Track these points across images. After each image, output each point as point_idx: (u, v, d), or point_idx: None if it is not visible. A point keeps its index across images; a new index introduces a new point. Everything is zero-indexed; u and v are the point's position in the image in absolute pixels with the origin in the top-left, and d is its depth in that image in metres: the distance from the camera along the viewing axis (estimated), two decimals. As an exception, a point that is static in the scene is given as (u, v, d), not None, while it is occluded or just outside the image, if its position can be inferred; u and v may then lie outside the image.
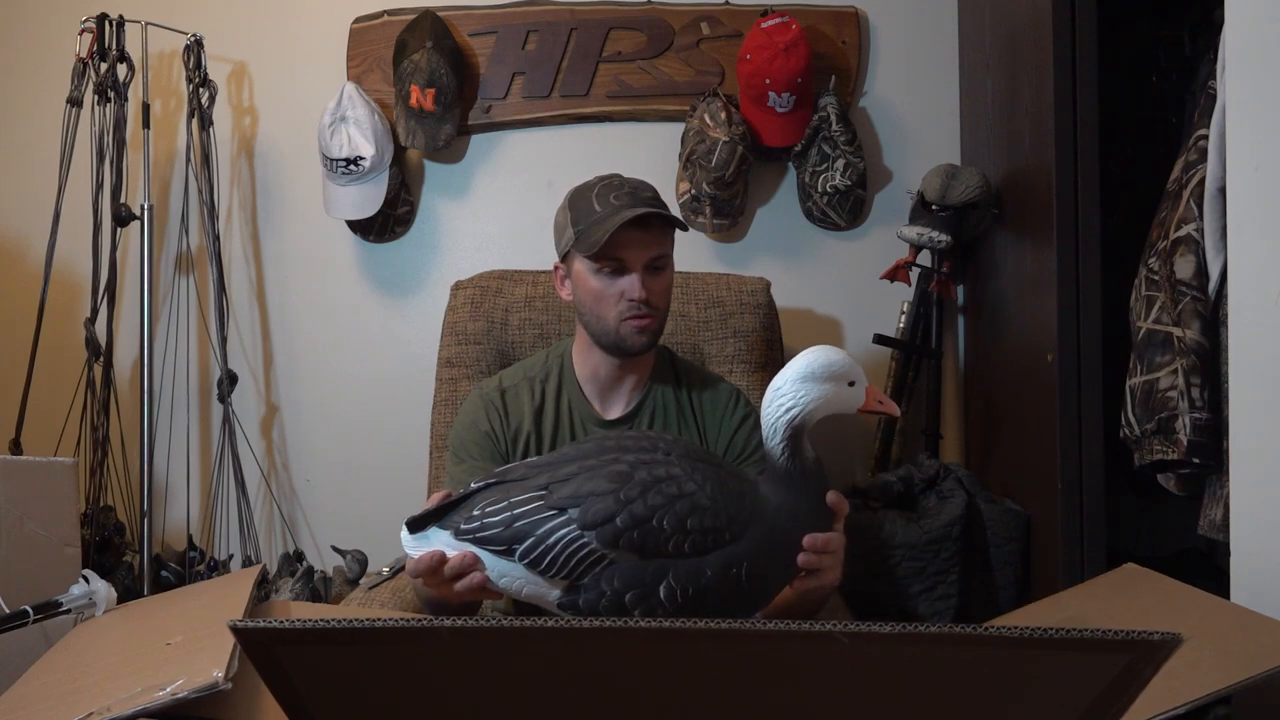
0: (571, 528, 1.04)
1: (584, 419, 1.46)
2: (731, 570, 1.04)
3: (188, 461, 2.31)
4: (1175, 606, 1.24)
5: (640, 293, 1.37)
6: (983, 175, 2.07)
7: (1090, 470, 1.70)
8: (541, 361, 1.52)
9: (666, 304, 1.43)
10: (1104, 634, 0.63)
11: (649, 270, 1.39)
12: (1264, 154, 1.28)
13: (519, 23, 2.32)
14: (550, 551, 1.04)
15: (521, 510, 1.06)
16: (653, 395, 1.48)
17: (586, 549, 1.04)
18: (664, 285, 1.41)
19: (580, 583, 1.04)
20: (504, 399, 1.47)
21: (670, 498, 1.05)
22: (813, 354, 1.11)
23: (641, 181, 1.42)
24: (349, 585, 2.11)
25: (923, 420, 2.22)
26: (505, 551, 1.06)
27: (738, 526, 1.05)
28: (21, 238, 2.38)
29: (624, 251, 1.37)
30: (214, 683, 0.92)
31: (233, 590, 1.34)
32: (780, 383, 1.10)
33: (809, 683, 0.67)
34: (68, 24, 2.21)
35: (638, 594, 1.03)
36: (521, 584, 1.07)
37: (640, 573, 1.03)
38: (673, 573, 1.03)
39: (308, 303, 2.39)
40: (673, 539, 1.03)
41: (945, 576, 1.85)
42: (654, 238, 1.38)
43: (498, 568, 1.07)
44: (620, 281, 1.38)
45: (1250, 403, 1.31)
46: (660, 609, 1.03)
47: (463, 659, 0.68)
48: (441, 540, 1.10)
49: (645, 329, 1.39)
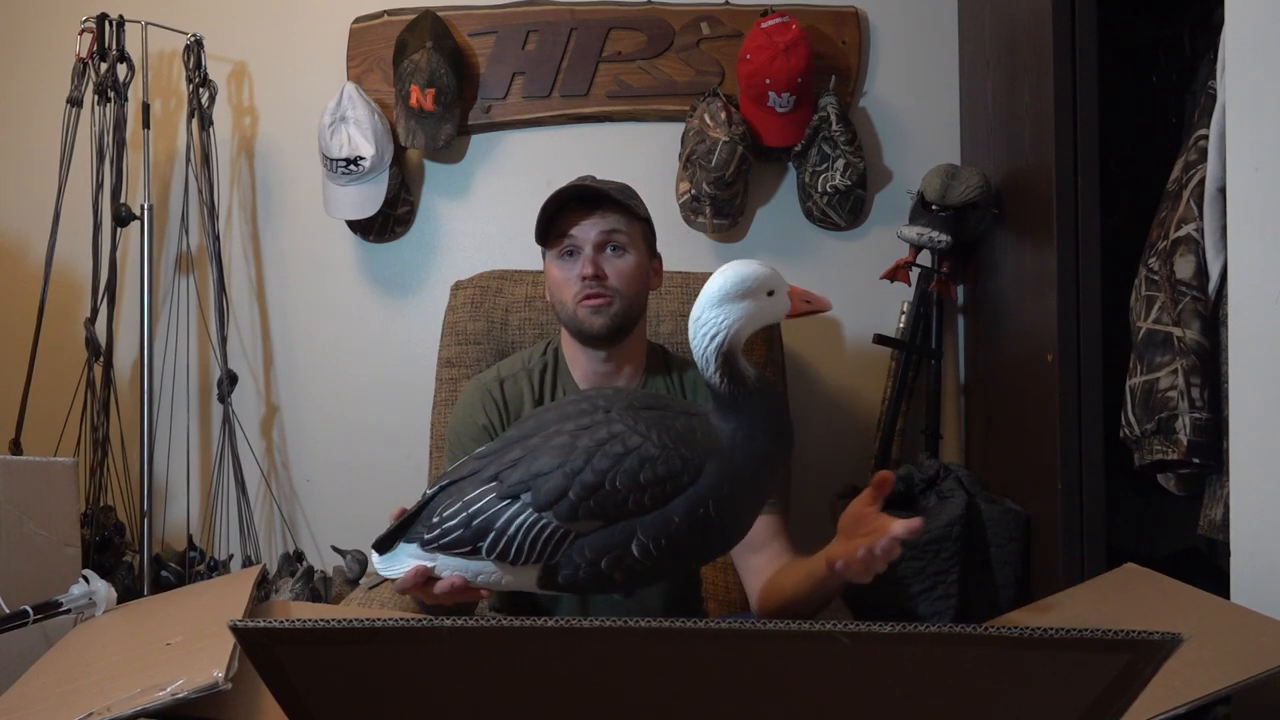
0: (528, 513, 1.03)
1: None
2: (699, 511, 1.02)
3: (188, 461, 2.31)
4: (1175, 606, 1.24)
5: (589, 269, 1.38)
6: (983, 175, 2.07)
7: (1090, 470, 1.70)
8: (538, 354, 1.53)
9: (630, 288, 1.41)
10: (1104, 634, 0.63)
11: (604, 251, 1.40)
12: (1264, 154, 1.28)
13: (519, 23, 2.32)
14: (514, 541, 1.03)
15: (476, 507, 1.05)
16: (648, 390, 1.48)
17: (549, 529, 1.02)
18: (622, 268, 1.40)
19: (553, 562, 1.03)
20: (503, 390, 1.47)
21: (616, 457, 1.02)
22: (723, 273, 1.06)
23: (605, 185, 1.44)
24: (349, 585, 2.12)
25: (923, 420, 2.22)
26: (472, 551, 1.05)
27: (694, 466, 1.03)
28: (21, 238, 2.38)
29: (574, 230, 1.40)
30: (214, 683, 0.92)
31: (233, 590, 1.34)
32: (698, 312, 1.06)
33: (809, 683, 0.67)
34: (68, 24, 2.21)
35: (611, 558, 1.02)
36: (498, 577, 1.06)
37: (609, 537, 1.02)
38: (640, 529, 1.01)
39: (308, 303, 2.39)
40: (630, 497, 1.01)
41: (945, 576, 1.85)
42: (605, 218, 1.40)
43: (470, 568, 1.06)
44: (574, 264, 1.41)
45: (1250, 403, 1.32)
46: (639, 566, 1.01)
47: (463, 659, 0.68)
48: (410, 554, 1.09)
49: (600, 308, 1.39)
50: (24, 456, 1.98)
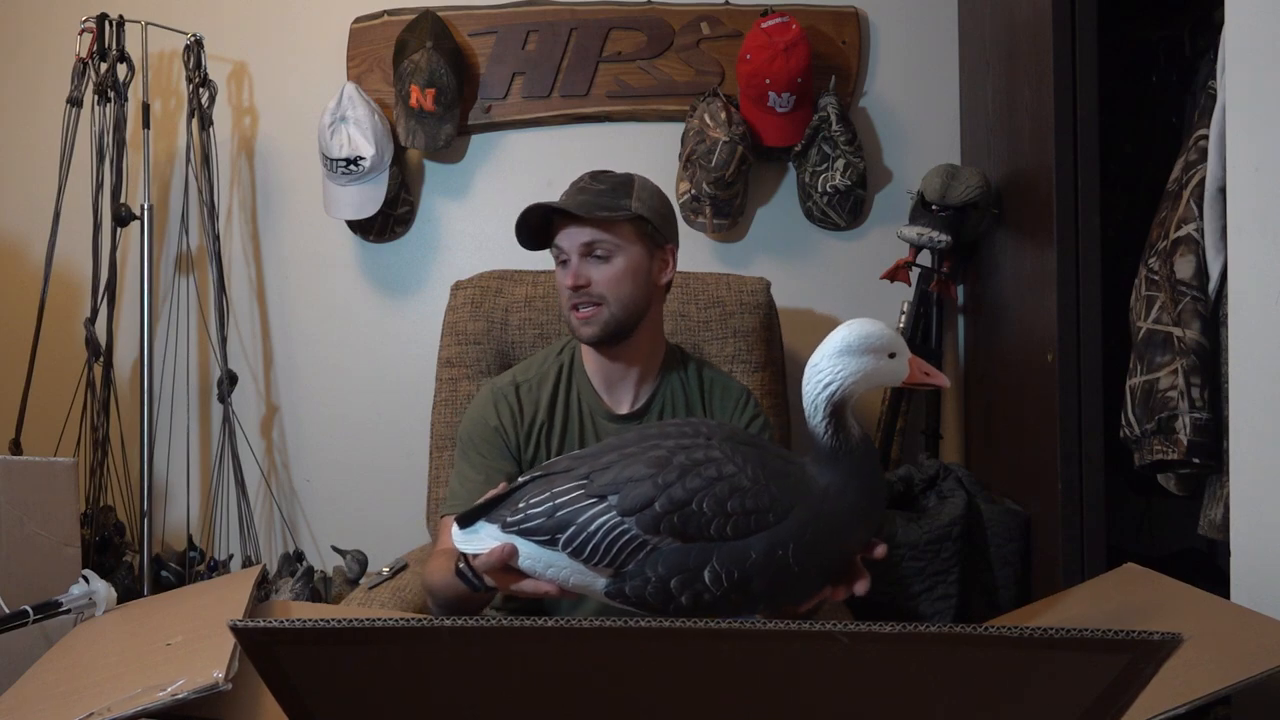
0: (611, 514, 1.03)
1: (594, 413, 1.46)
2: (777, 552, 1.02)
3: (188, 461, 2.31)
4: (1175, 606, 1.24)
5: (570, 280, 1.39)
6: (983, 175, 2.07)
7: (1090, 470, 1.70)
8: (554, 355, 1.53)
9: (620, 291, 1.40)
10: (1104, 634, 0.63)
11: (589, 259, 1.40)
12: (1264, 154, 1.28)
13: (519, 23, 2.31)
14: (592, 539, 1.04)
15: (563, 500, 1.06)
16: (664, 390, 1.48)
17: (628, 535, 1.03)
18: (606, 274, 1.40)
19: (625, 569, 1.04)
20: (518, 393, 1.47)
21: (709, 480, 1.03)
22: (849, 326, 1.07)
23: (617, 176, 1.43)
24: (349, 585, 2.11)
25: (923, 420, 2.23)
26: (549, 541, 1.06)
27: (781, 507, 1.03)
28: (21, 238, 2.38)
29: (560, 238, 1.41)
30: (214, 683, 0.92)
31: (233, 590, 1.34)
32: (817, 359, 1.08)
33: (809, 683, 0.67)
34: (68, 24, 2.21)
35: (682, 579, 1.02)
36: (568, 573, 1.07)
37: (684, 557, 1.02)
38: (716, 556, 1.02)
39: (308, 303, 2.39)
40: (714, 522, 1.02)
41: (945, 576, 1.85)
42: (584, 227, 1.39)
43: (543, 558, 1.07)
44: (566, 273, 1.41)
45: (1250, 403, 1.31)
46: (706, 593, 1.02)
47: (463, 659, 0.68)
48: (489, 534, 1.10)
49: (587, 319, 1.40)
50: (24, 456, 1.98)
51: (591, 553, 1.04)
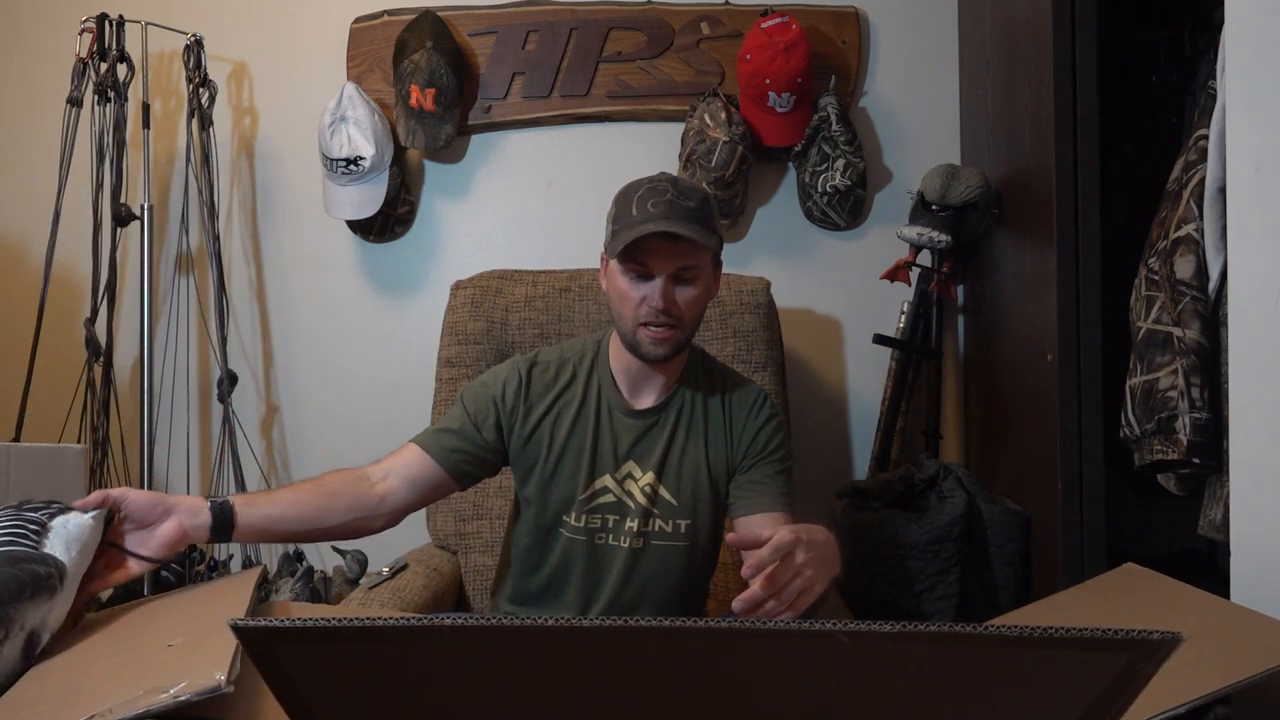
0: None
1: (612, 406, 1.47)
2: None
3: (188, 461, 2.31)
4: (1175, 606, 1.24)
5: (659, 302, 1.35)
6: (983, 175, 2.07)
7: (1090, 470, 1.70)
8: (580, 344, 1.53)
9: (693, 316, 1.40)
10: (1104, 634, 0.63)
11: (675, 280, 1.37)
12: (1264, 154, 1.28)
13: (519, 23, 2.32)
14: None
15: None
16: (683, 390, 1.48)
17: None
18: (691, 297, 1.38)
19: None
20: (530, 373, 1.47)
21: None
22: None
23: (693, 188, 1.39)
24: (349, 585, 2.11)
25: (923, 420, 2.23)
26: None
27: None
28: (21, 238, 2.38)
29: (650, 259, 1.35)
30: (216, 685, 0.92)
31: (233, 591, 1.34)
32: None
33: (809, 683, 0.67)
34: (68, 24, 2.21)
35: None
36: None
37: None
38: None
39: (308, 303, 2.39)
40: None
41: (945, 576, 1.85)
42: (684, 249, 1.35)
43: None
44: (644, 287, 1.37)
45: (1250, 403, 1.32)
46: None
47: (463, 659, 0.68)
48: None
49: (662, 340, 1.38)
50: (34, 443, 1.96)
51: None
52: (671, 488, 1.45)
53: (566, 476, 1.44)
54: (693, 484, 1.45)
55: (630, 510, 1.44)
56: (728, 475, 1.46)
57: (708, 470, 1.45)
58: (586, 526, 1.44)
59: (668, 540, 1.44)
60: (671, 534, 1.44)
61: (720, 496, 1.47)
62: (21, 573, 1.12)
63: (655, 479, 1.44)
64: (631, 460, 1.45)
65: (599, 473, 1.44)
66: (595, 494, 1.44)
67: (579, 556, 1.45)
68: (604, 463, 1.44)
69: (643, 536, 1.44)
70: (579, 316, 1.90)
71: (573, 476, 1.44)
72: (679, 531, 1.45)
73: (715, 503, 1.46)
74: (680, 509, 1.45)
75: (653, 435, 1.46)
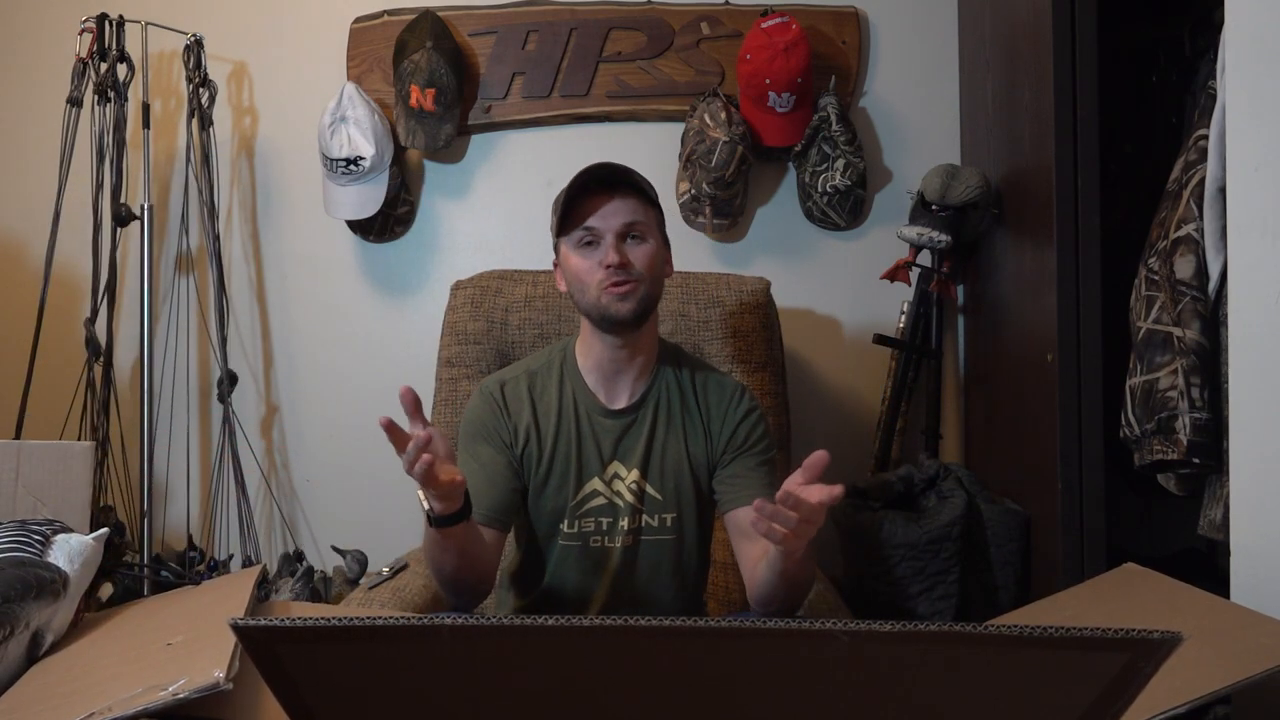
0: None
1: (590, 409, 1.47)
2: None
3: (188, 461, 2.31)
4: (1175, 606, 1.24)
5: (614, 257, 1.37)
6: (983, 175, 2.07)
7: (1090, 470, 1.70)
8: (544, 356, 1.53)
9: (652, 274, 1.41)
10: (1104, 634, 0.63)
11: (625, 239, 1.40)
12: (1264, 154, 1.28)
13: (519, 23, 2.32)
14: None
15: None
16: (658, 385, 1.48)
17: None
18: (644, 254, 1.40)
19: None
20: (504, 393, 1.48)
21: None
22: None
23: (622, 166, 1.43)
24: (349, 585, 2.12)
25: (923, 420, 2.22)
26: None
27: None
28: (21, 238, 2.38)
29: (595, 220, 1.39)
30: (215, 683, 0.92)
31: (233, 590, 1.34)
32: None
33: (809, 683, 0.67)
34: (68, 24, 2.21)
35: None
36: None
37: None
38: None
39: (308, 303, 2.39)
40: None
41: (945, 576, 1.85)
42: (627, 207, 1.39)
43: None
44: (596, 253, 1.40)
45: (1250, 403, 1.32)
46: None
47: (463, 658, 0.68)
48: None
49: (626, 295, 1.38)
50: (41, 440, 1.96)
51: None
52: (656, 483, 1.45)
53: (556, 486, 1.44)
54: (676, 478, 1.45)
55: (620, 509, 1.44)
56: (709, 469, 1.47)
57: (689, 463, 1.46)
58: (580, 532, 1.44)
59: (655, 535, 1.45)
60: (659, 528, 1.45)
61: (703, 489, 1.47)
62: (27, 575, 1.13)
63: (640, 476, 1.45)
64: (616, 460, 1.45)
65: (586, 476, 1.44)
66: (585, 498, 1.45)
67: (575, 562, 1.45)
68: (590, 466, 1.45)
69: (634, 534, 1.45)
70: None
71: (561, 485, 1.44)
72: (665, 525, 1.45)
73: (699, 495, 1.47)
74: (665, 503, 1.45)
75: (634, 433, 1.46)
